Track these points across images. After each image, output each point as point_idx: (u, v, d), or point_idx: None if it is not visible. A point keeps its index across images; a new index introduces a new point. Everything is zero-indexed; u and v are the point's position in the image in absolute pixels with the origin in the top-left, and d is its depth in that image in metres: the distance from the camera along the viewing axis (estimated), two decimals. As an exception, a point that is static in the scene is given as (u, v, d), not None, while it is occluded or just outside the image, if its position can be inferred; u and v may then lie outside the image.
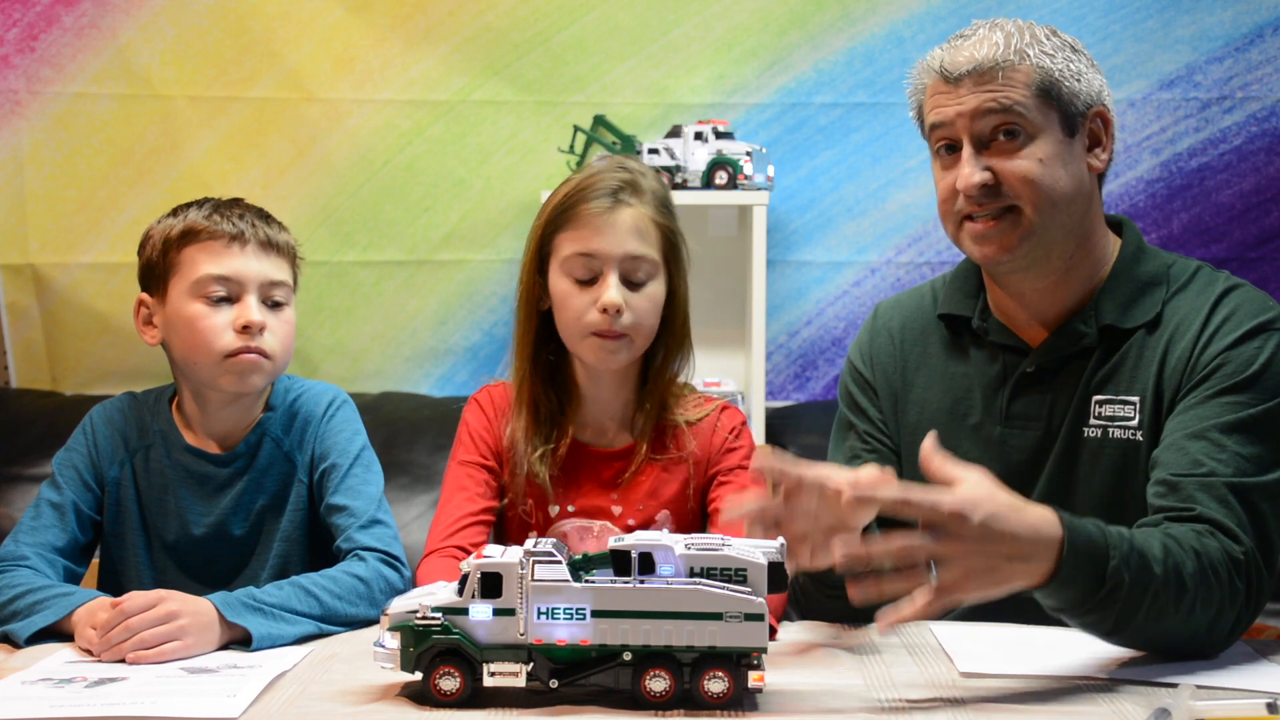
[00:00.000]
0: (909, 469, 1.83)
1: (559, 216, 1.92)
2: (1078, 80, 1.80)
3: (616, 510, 1.97)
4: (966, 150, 1.80)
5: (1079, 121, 1.82)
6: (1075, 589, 1.53)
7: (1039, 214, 1.79)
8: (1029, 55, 1.79)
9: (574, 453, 1.98)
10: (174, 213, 1.99)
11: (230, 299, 1.94)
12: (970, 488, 1.50)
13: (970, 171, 1.79)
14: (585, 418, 1.99)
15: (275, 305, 1.97)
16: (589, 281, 1.90)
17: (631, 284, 1.91)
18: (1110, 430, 1.82)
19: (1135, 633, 1.59)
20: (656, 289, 1.93)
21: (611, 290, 1.88)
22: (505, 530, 2.00)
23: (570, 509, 1.97)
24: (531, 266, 1.96)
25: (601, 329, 1.89)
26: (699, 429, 1.99)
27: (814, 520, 1.59)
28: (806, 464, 1.58)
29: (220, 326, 1.92)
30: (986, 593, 1.51)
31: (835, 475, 1.57)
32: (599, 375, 1.97)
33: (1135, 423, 1.81)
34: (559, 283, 1.92)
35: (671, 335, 1.97)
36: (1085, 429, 1.84)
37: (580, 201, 1.91)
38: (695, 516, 1.99)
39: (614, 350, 1.91)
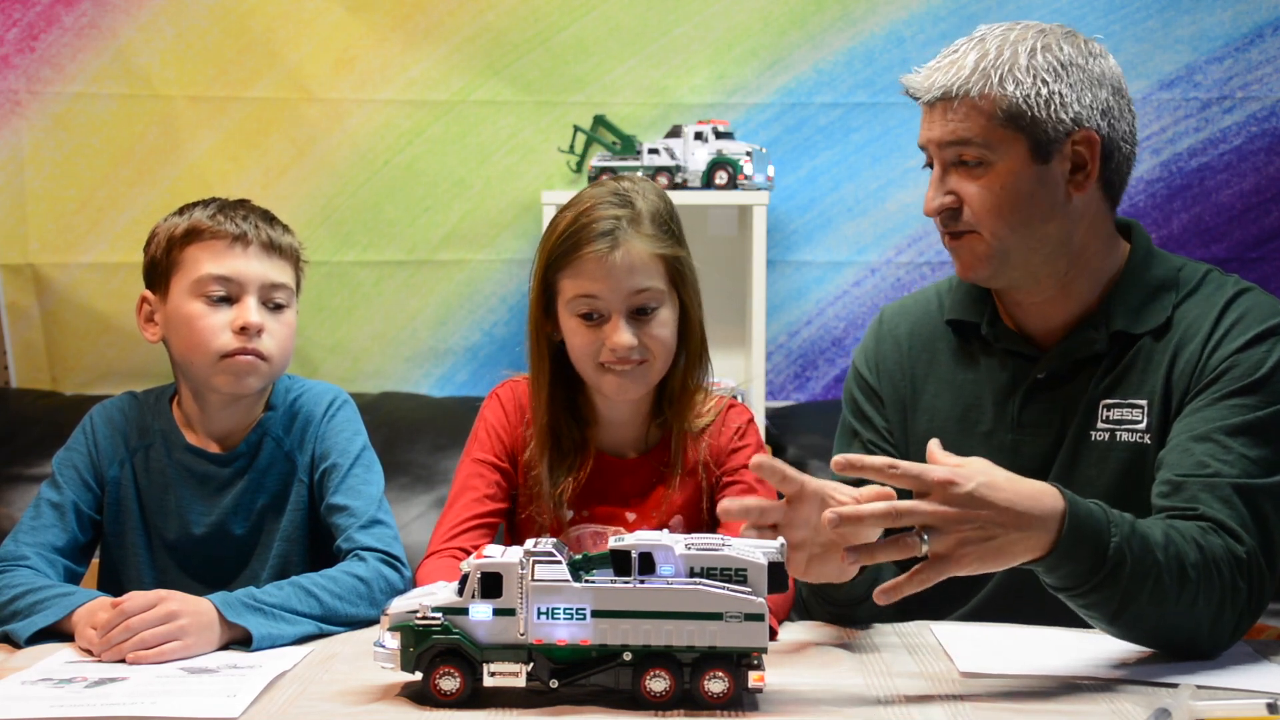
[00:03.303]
0: None
1: (559, 258, 1.88)
2: (1049, 107, 1.77)
3: (631, 517, 1.96)
4: (936, 172, 1.84)
5: (1053, 148, 1.79)
6: (1076, 564, 1.54)
7: (996, 239, 1.80)
8: (993, 82, 1.76)
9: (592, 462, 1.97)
10: (180, 211, 1.99)
11: (230, 299, 1.94)
12: (968, 463, 1.52)
13: (932, 195, 1.84)
14: (603, 432, 1.98)
15: (276, 308, 1.97)
16: (597, 320, 1.88)
17: (641, 313, 1.88)
18: (1118, 433, 1.82)
19: (1138, 620, 1.59)
20: (667, 313, 1.90)
21: (619, 333, 1.86)
22: (518, 530, 1.99)
23: (585, 513, 1.96)
24: (538, 305, 1.93)
25: (615, 362, 1.88)
26: (708, 431, 1.97)
27: (814, 531, 1.59)
28: (809, 476, 1.58)
29: (218, 326, 1.92)
30: (985, 564, 1.52)
31: (839, 491, 1.57)
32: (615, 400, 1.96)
33: (1143, 426, 1.81)
34: (568, 320, 1.90)
35: (689, 352, 1.95)
36: (1093, 432, 1.83)
37: (578, 244, 1.86)
38: (708, 522, 1.96)
39: (633, 379, 1.89)
